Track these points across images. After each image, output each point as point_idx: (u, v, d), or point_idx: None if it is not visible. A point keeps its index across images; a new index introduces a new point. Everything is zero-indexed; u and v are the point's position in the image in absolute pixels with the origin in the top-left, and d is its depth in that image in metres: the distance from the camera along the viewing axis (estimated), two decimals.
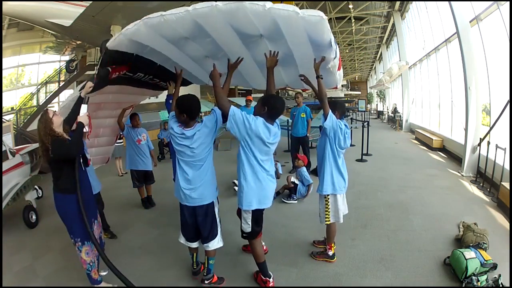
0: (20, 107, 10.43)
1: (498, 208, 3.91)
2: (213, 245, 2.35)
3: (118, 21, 6.08)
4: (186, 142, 2.14)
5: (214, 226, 2.34)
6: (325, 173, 2.63)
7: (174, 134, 2.18)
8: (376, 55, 23.55)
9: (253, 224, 2.27)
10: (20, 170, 3.98)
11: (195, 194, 2.21)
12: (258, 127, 2.08)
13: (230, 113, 2.06)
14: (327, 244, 2.80)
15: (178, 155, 2.24)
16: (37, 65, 11.17)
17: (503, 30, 4.75)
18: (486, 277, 2.35)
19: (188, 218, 2.31)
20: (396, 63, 13.11)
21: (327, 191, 2.63)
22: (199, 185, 2.21)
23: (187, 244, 2.43)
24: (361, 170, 6.00)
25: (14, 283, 2.60)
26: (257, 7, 1.89)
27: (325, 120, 2.51)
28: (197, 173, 2.22)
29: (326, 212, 2.66)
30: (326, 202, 2.67)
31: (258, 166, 2.18)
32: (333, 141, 2.58)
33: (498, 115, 4.82)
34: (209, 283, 2.41)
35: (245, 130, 2.08)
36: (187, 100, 2.15)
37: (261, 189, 2.22)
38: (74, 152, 2.16)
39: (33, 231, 3.68)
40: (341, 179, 2.66)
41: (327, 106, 2.50)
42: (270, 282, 2.41)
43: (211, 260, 2.41)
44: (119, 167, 6.43)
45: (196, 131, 2.14)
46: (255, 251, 2.37)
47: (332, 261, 2.76)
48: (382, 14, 14.54)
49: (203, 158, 2.21)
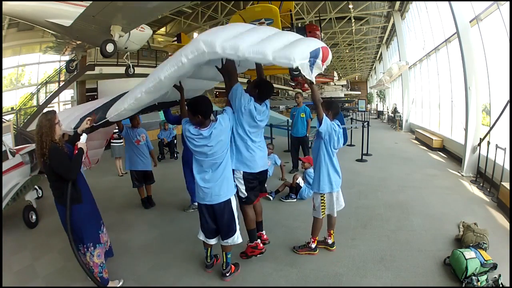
0: (20, 107, 10.42)
1: (498, 208, 3.91)
2: (233, 241, 2.46)
3: (118, 21, 6.06)
4: (204, 141, 2.23)
5: (233, 222, 2.44)
6: (321, 173, 2.74)
7: (191, 136, 2.24)
8: (376, 55, 23.56)
9: (246, 187, 2.56)
10: (20, 170, 3.97)
11: (214, 192, 2.32)
12: (250, 104, 2.43)
13: (234, 86, 2.40)
14: (312, 237, 2.90)
15: (197, 156, 2.32)
16: (37, 65, 11.16)
17: (503, 30, 4.75)
18: (486, 277, 2.35)
19: (207, 217, 2.42)
20: (396, 63, 13.11)
21: (325, 190, 2.75)
22: (217, 183, 2.32)
23: (207, 241, 2.53)
24: (361, 170, 6.01)
25: (14, 283, 2.60)
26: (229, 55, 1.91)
27: (320, 125, 2.61)
28: (216, 172, 2.32)
29: (322, 207, 2.80)
30: (322, 199, 2.79)
31: (246, 136, 2.48)
32: (328, 143, 2.68)
33: (498, 115, 4.82)
34: (229, 275, 2.54)
35: (240, 103, 2.40)
36: (199, 101, 2.24)
37: (249, 155, 2.51)
38: (73, 176, 2.17)
39: (33, 231, 3.68)
40: (337, 177, 2.79)
41: (321, 111, 2.60)
42: (259, 244, 2.69)
43: (229, 254, 2.53)
44: (119, 167, 6.43)
45: (212, 129, 2.23)
46: (247, 217, 2.65)
47: (314, 253, 2.89)
48: (382, 14, 14.55)
49: (221, 156, 2.31)
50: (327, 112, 2.68)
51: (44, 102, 10.96)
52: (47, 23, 6.23)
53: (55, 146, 2.11)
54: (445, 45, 8.16)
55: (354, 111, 20.53)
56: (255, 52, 1.84)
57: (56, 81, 11.46)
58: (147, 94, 2.20)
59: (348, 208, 3.98)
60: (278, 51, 1.84)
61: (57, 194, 2.22)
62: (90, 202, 2.39)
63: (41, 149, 2.09)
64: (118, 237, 3.37)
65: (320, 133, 2.65)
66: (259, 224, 2.86)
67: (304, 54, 1.86)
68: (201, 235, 2.53)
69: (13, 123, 8.55)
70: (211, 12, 13.52)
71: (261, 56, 1.83)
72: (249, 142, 2.50)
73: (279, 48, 1.87)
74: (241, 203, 2.63)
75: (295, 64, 1.80)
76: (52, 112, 2.23)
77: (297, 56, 1.82)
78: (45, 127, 2.11)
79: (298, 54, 1.84)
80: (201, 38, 1.98)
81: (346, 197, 4.42)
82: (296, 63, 1.80)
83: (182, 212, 4.08)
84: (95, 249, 2.33)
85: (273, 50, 1.84)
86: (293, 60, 1.79)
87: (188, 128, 2.26)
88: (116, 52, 6.66)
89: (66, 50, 8.71)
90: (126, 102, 2.30)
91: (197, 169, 2.36)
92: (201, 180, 2.32)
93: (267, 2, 6.84)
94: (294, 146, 5.95)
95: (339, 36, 17.51)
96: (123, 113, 2.37)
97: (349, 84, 29.32)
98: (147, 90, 2.17)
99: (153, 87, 2.15)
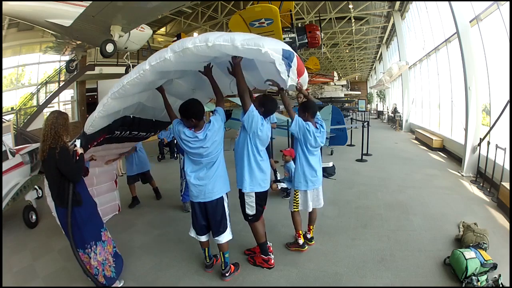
0: (20, 107, 10.42)
1: (498, 208, 3.91)
2: (224, 238, 2.47)
3: (118, 21, 6.06)
4: (200, 143, 2.26)
5: (224, 220, 2.46)
6: (296, 171, 2.84)
7: (187, 139, 2.26)
8: (376, 55, 23.53)
9: (257, 205, 2.55)
10: (20, 170, 3.98)
11: (207, 190, 2.34)
12: (264, 124, 2.46)
13: (250, 109, 2.35)
14: (296, 233, 2.94)
15: (192, 157, 2.33)
16: (37, 65, 11.17)
17: (503, 30, 4.75)
18: (486, 277, 2.35)
19: (199, 213, 2.44)
20: (396, 63, 13.10)
21: (300, 187, 2.84)
22: (210, 180, 2.34)
23: (197, 238, 2.54)
24: (361, 170, 6.01)
25: (14, 283, 2.60)
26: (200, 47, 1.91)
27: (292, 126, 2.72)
28: (210, 170, 2.34)
29: (295, 203, 2.89)
30: (296, 195, 2.88)
31: (259, 156, 2.50)
32: (303, 142, 2.75)
33: (498, 115, 4.81)
34: (229, 275, 2.54)
35: (257, 126, 2.39)
36: (190, 105, 2.24)
37: (263, 175, 2.53)
38: (78, 179, 2.22)
39: (33, 231, 3.68)
40: (315, 174, 2.82)
41: (293, 113, 2.72)
42: (272, 259, 2.67)
43: (226, 254, 2.53)
44: (119, 167, 6.42)
45: (207, 132, 2.26)
46: (258, 233, 2.63)
47: (303, 250, 2.92)
48: (382, 14, 14.53)
49: (215, 156, 2.34)
50: (304, 114, 2.75)
51: (44, 102, 10.96)
52: (47, 23, 6.22)
53: (66, 147, 2.15)
54: (445, 45, 8.16)
55: (354, 111, 20.53)
56: (224, 40, 1.86)
57: (56, 81, 11.47)
58: (113, 100, 2.22)
59: (348, 208, 4.01)
60: (248, 40, 1.85)
61: (58, 196, 2.21)
62: (90, 205, 2.39)
63: (51, 144, 2.09)
64: (118, 237, 3.35)
65: (293, 134, 2.78)
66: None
67: (276, 47, 1.86)
68: (192, 232, 2.57)
69: (13, 123, 8.57)
70: (211, 12, 13.50)
71: (229, 43, 1.84)
72: (260, 160, 2.52)
73: (249, 37, 1.88)
74: (249, 221, 2.63)
75: (263, 49, 1.79)
76: (66, 113, 2.27)
77: (268, 46, 1.81)
78: (60, 125, 2.14)
79: (269, 44, 1.83)
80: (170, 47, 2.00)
81: (346, 197, 4.45)
82: (265, 49, 1.79)
83: (182, 212, 4.08)
84: (97, 247, 2.35)
85: (242, 38, 1.85)
86: (262, 47, 1.78)
87: (183, 130, 2.27)
88: (116, 52, 6.65)
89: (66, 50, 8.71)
90: (96, 111, 2.31)
91: (190, 168, 2.37)
92: (195, 179, 2.34)
93: (267, 2, 6.83)
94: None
95: (339, 36, 17.48)
96: (95, 122, 2.35)
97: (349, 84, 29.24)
98: (112, 96, 2.20)
99: (117, 92, 2.17)
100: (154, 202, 4.54)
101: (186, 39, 1.96)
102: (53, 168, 2.13)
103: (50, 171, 2.16)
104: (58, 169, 2.11)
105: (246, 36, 1.90)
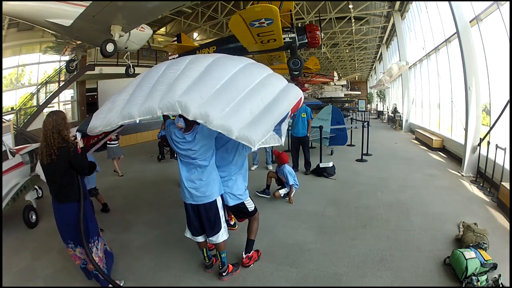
0: (20, 107, 10.41)
1: (498, 208, 3.91)
2: (218, 238, 2.47)
3: (118, 21, 6.06)
4: (188, 145, 2.30)
5: (218, 221, 2.46)
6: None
7: (177, 140, 2.31)
8: (376, 55, 23.51)
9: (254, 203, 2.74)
10: (20, 170, 3.97)
11: (199, 193, 2.35)
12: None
13: None
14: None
15: (182, 158, 2.37)
16: (37, 65, 11.16)
17: (503, 30, 4.75)
18: (486, 277, 2.35)
19: (192, 215, 2.47)
20: (396, 63, 13.09)
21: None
22: (203, 184, 2.35)
23: (194, 238, 2.57)
24: (361, 170, 6.01)
25: (14, 283, 2.60)
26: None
27: None
28: (201, 173, 2.35)
29: None
30: None
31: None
32: None
33: (498, 115, 4.81)
34: (226, 274, 2.55)
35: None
36: None
37: None
38: (87, 171, 2.28)
39: (33, 231, 3.68)
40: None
41: None
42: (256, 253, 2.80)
43: (223, 254, 2.54)
44: (118, 167, 6.41)
45: (195, 134, 2.28)
46: (255, 227, 2.73)
47: (234, 229, 3.30)
48: (382, 14, 14.52)
49: (206, 159, 2.34)
50: None
51: (44, 102, 10.96)
52: (47, 23, 6.23)
53: (75, 143, 2.20)
54: (445, 45, 8.16)
55: (354, 111, 20.55)
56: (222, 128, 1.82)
57: (56, 81, 11.47)
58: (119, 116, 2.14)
59: (348, 208, 4.01)
60: (242, 130, 1.82)
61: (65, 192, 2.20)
62: (88, 198, 2.46)
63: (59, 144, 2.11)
64: (118, 237, 3.37)
65: None
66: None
67: (267, 132, 1.88)
68: (187, 233, 2.60)
69: (13, 123, 8.56)
70: (211, 12, 13.49)
71: (227, 132, 1.82)
72: None
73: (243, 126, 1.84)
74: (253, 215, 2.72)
75: (254, 148, 1.84)
76: (61, 111, 2.30)
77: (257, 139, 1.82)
78: (61, 125, 2.16)
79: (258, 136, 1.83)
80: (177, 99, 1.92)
81: (346, 197, 4.45)
82: (256, 147, 1.83)
83: (182, 212, 4.06)
84: (99, 242, 2.40)
85: (238, 128, 1.82)
86: (253, 144, 1.80)
87: (174, 131, 2.34)
88: (116, 52, 6.65)
89: (66, 50, 8.72)
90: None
91: (182, 170, 2.40)
92: (187, 181, 2.37)
93: (267, 2, 6.82)
94: (294, 146, 5.94)
95: (339, 36, 17.46)
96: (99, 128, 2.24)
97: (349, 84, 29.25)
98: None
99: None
100: (154, 202, 4.53)
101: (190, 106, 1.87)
102: (62, 166, 2.13)
103: (58, 170, 2.15)
104: (68, 166, 2.14)
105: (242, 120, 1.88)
